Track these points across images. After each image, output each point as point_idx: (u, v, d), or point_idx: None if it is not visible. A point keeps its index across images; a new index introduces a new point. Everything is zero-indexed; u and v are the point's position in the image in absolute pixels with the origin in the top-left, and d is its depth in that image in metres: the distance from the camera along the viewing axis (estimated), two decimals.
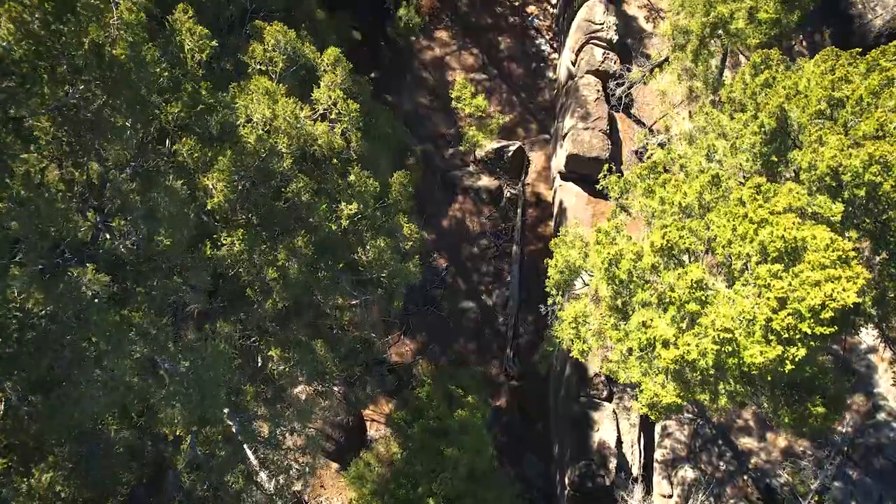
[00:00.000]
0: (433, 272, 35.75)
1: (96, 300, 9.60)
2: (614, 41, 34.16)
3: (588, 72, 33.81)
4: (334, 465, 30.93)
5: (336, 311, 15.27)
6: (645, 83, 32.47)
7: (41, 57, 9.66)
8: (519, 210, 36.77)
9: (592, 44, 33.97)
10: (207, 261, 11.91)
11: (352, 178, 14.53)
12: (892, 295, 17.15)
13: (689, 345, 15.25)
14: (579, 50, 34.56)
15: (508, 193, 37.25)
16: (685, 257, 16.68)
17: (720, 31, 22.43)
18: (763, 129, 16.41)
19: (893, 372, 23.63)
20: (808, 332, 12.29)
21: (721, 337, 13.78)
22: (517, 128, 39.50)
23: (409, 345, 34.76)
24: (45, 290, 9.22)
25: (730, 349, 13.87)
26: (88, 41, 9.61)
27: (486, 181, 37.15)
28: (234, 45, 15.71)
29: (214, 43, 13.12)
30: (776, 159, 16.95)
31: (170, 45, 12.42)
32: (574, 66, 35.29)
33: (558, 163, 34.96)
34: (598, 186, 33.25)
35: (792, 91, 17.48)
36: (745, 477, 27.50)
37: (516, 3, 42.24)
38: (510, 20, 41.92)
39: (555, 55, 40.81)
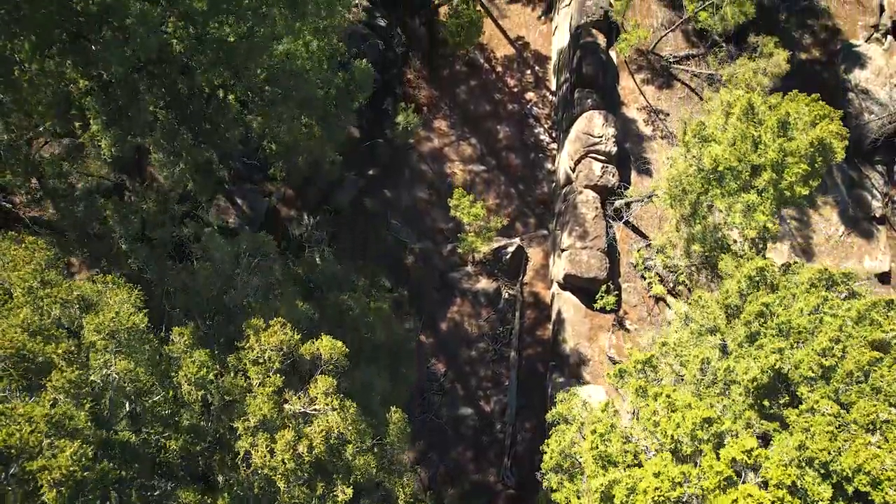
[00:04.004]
0: (432, 377, 36.05)
1: None
2: (613, 153, 34.15)
3: (587, 186, 33.86)
4: None
5: None
6: (643, 203, 32.56)
7: None
8: (517, 313, 36.99)
9: (591, 157, 33.98)
10: None
11: (347, 455, 14.81)
12: None
13: None
14: (578, 160, 34.57)
15: (507, 295, 37.46)
16: None
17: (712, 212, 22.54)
18: (757, 383, 16.64)
19: None
20: None
21: None
22: (515, 222, 39.58)
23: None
24: None
25: None
26: None
27: (484, 283, 37.34)
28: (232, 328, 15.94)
29: (211, 376, 13.38)
30: (768, 404, 17.18)
31: (168, 376, 12.66)
32: (573, 172, 35.32)
33: (557, 272, 35.11)
34: (596, 306, 33.70)
35: (784, 327, 17.70)
36: None
37: (515, 90, 42.14)
38: (509, 108, 41.83)
39: (553, 145, 40.78)
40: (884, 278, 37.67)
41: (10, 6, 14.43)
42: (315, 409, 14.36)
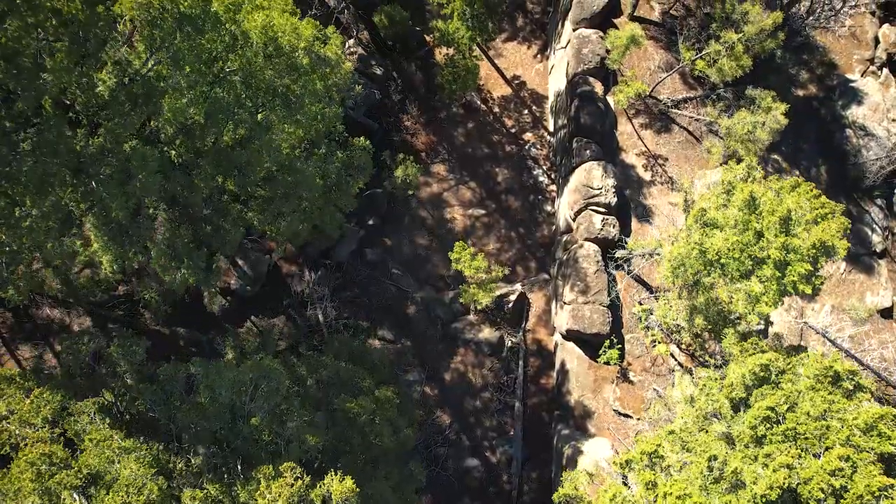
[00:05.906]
0: (437, 430, 36.08)
1: None
2: (613, 204, 34.09)
3: (587, 239, 33.80)
4: None
5: None
6: (644, 259, 32.53)
7: None
8: (521, 362, 37.01)
9: (591, 210, 33.90)
10: None
11: None
12: None
13: None
14: (578, 212, 34.50)
15: (510, 343, 37.48)
16: None
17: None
18: (766, 499, 16.71)
19: None
20: None
21: None
22: (516, 266, 39.53)
23: None
24: None
25: None
26: None
27: (487, 333, 37.32)
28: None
29: None
30: None
31: None
32: (573, 221, 35.26)
33: (560, 324, 35.12)
34: (599, 360, 33.75)
35: (791, 434, 17.76)
36: None
37: (513, 131, 41.99)
38: (507, 149, 41.68)
39: (552, 187, 40.68)
40: (886, 314, 37.66)
41: (12, 161, 14.36)
42: None
